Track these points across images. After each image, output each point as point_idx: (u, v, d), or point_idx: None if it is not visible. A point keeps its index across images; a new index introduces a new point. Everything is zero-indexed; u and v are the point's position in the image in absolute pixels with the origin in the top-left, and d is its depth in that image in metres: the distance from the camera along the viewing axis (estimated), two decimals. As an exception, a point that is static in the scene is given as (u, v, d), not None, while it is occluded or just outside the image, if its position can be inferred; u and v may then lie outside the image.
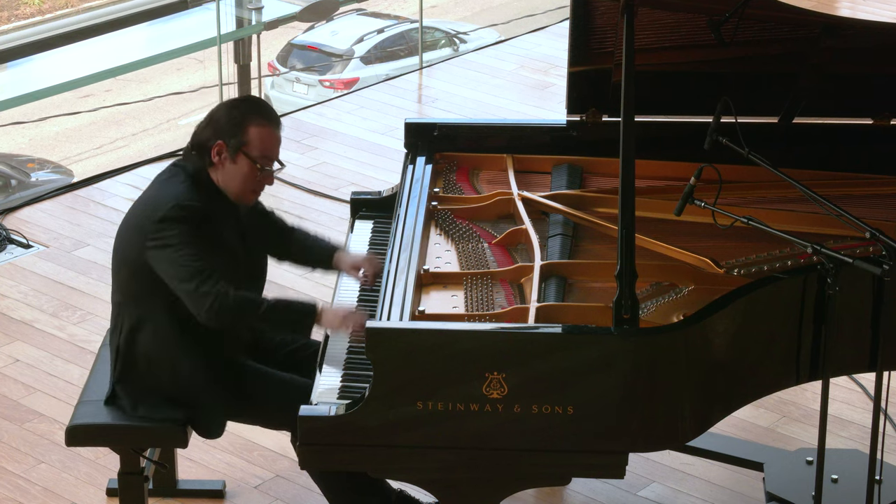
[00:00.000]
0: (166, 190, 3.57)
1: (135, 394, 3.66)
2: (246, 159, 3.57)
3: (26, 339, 5.01)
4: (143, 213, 3.57)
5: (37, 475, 4.32)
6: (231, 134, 3.56)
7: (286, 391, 3.64)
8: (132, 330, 3.62)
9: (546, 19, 8.72)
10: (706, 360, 3.41)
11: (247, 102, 3.65)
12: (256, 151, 3.57)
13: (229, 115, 3.58)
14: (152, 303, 3.59)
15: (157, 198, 3.57)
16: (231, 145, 3.56)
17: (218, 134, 3.57)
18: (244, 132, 3.57)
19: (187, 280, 3.47)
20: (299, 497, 4.22)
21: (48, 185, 11.47)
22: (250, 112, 3.59)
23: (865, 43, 3.91)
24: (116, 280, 3.68)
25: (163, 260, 3.51)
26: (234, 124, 3.56)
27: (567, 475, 3.45)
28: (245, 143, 3.57)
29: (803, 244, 3.39)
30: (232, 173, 3.58)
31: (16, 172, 12.17)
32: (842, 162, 4.09)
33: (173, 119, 14.28)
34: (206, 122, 3.62)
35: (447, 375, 3.28)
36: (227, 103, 3.64)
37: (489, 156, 4.19)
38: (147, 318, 3.61)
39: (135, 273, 3.59)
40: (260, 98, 3.67)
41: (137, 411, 3.66)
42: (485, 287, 3.61)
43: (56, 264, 5.48)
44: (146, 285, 3.57)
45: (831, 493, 3.93)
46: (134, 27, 9.78)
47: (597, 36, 3.95)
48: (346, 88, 13.02)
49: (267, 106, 3.65)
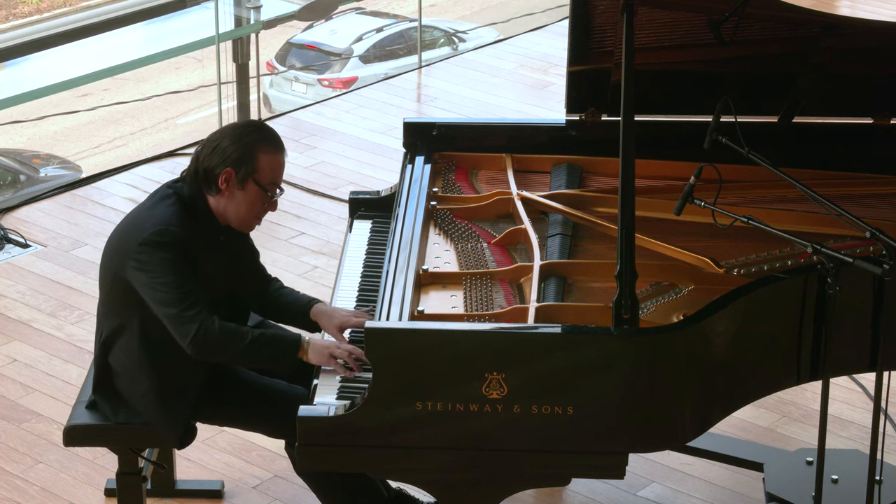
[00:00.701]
0: (153, 212, 3.57)
1: (112, 400, 3.68)
2: (255, 186, 3.58)
3: (24, 339, 5.00)
4: (128, 232, 3.58)
5: (35, 475, 4.32)
6: (241, 162, 3.56)
7: (267, 400, 3.65)
8: (106, 341, 3.65)
9: (545, 18, 8.71)
10: (706, 360, 3.41)
11: (255, 129, 3.62)
12: (266, 179, 3.58)
13: (238, 142, 3.57)
14: (126, 318, 3.60)
15: (144, 219, 3.57)
16: (241, 173, 3.56)
17: (226, 162, 3.56)
18: (254, 160, 3.56)
19: (169, 305, 3.48)
20: (298, 497, 4.21)
21: (56, 180, 11.48)
22: (259, 140, 3.58)
23: (865, 42, 3.91)
24: (100, 288, 3.71)
25: (143, 283, 3.52)
26: (243, 152, 3.56)
27: (567, 475, 3.45)
28: (255, 171, 3.56)
29: (803, 244, 3.39)
30: (239, 200, 3.58)
31: (24, 168, 12.18)
32: (842, 161, 4.09)
33: (172, 118, 14.27)
34: (211, 148, 3.59)
35: (446, 376, 3.28)
36: (233, 130, 3.61)
37: (488, 155, 4.18)
38: (120, 333, 3.63)
39: (113, 286, 3.61)
40: (265, 123, 3.68)
41: (118, 417, 3.68)
42: (484, 287, 3.60)
43: (54, 264, 5.47)
44: (123, 299, 3.59)
45: (831, 493, 3.92)
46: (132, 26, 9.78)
47: (596, 35, 3.95)
48: (344, 87, 13.01)
49: (273, 132, 3.64)
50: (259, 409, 3.67)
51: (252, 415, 3.68)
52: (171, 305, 3.48)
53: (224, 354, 3.54)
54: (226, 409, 3.71)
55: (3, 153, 12.43)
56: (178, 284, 3.48)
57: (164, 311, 3.49)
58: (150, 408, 3.62)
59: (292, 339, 3.54)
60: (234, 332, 3.52)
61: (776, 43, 3.93)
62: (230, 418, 3.75)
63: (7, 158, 12.22)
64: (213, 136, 3.61)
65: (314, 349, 3.51)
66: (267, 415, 3.66)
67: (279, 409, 3.59)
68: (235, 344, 3.50)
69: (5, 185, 11.82)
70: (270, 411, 3.64)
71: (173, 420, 3.63)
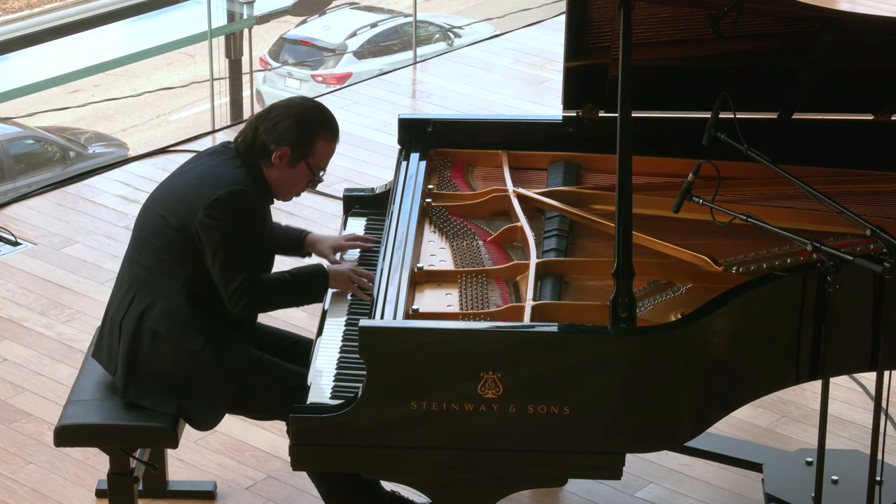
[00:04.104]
0: (226, 171, 3.62)
1: (135, 375, 3.64)
2: (306, 168, 3.68)
3: (14, 338, 4.97)
4: (199, 187, 3.60)
5: (25, 476, 4.29)
6: (299, 143, 3.65)
7: (291, 379, 3.65)
8: (148, 304, 3.63)
9: (542, 13, 8.70)
10: (704, 359, 3.39)
11: (319, 114, 3.70)
12: (318, 163, 3.69)
13: (300, 125, 3.64)
14: (175, 276, 3.61)
15: (217, 175, 3.61)
16: (296, 153, 3.65)
17: (285, 140, 3.64)
18: (312, 144, 3.66)
19: (234, 269, 3.55)
20: (291, 498, 4.19)
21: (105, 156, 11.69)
22: (321, 125, 3.68)
23: (866, 37, 3.90)
24: (140, 252, 3.68)
25: (213, 241, 3.56)
26: (304, 134, 3.65)
27: (563, 476, 3.43)
28: (310, 155, 3.67)
29: (803, 242, 3.37)
30: (288, 176, 3.68)
31: (73, 144, 12.35)
32: (842, 158, 4.08)
33: (164, 114, 14.25)
34: (273, 123, 3.65)
35: (441, 375, 3.26)
36: (297, 111, 3.67)
37: (484, 152, 4.17)
38: (165, 293, 3.62)
39: (170, 242, 3.61)
40: (328, 110, 3.75)
41: (128, 394, 3.64)
42: (480, 285, 3.58)
43: (45, 262, 5.44)
44: (175, 258, 3.61)
45: (831, 494, 3.91)
46: (123, 21, 9.78)
47: (593, 30, 3.94)
48: (338, 83, 12.99)
49: (335, 121, 3.73)
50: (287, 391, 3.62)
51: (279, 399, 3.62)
52: (236, 269, 3.55)
53: (274, 304, 3.69)
54: (252, 397, 3.67)
55: (51, 130, 12.57)
56: (246, 249, 3.57)
57: (227, 273, 3.55)
58: (207, 364, 3.61)
59: (320, 271, 3.71)
60: (277, 282, 3.65)
61: (776, 38, 3.93)
62: (254, 407, 3.71)
63: (56, 135, 12.37)
64: (274, 113, 3.67)
65: (334, 276, 3.71)
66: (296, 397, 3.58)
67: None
68: (281, 293, 3.66)
69: (55, 161, 11.99)
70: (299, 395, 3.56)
71: (231, 372, 3.63)
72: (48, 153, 12.12)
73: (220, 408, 3.67)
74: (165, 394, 3.63)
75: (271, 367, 3.70)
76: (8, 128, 12.12)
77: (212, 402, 3.65)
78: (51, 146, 12.15)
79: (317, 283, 3.71)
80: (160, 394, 3.63)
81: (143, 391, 3.64)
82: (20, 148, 12.08)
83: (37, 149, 12.13)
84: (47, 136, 12.26)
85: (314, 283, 3.71)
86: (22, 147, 12.11)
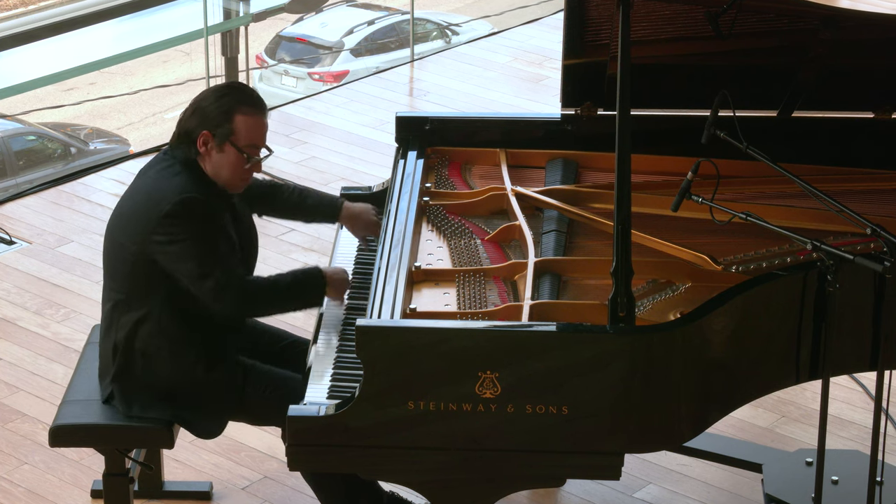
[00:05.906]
0: (167, 182, 3.52)
1: (131, 394, 3.62)
2: (233, 149, 3.54)
3: (9, 338, 4.95)
4: (145, 206, 3.52)
5: (20, 476, 4.27)
6: (217, 123, 3.52)
7: (285, 385, 3.61)
8: (132, 326, 3.57)
9: (540, 11, 8.68)
10: (704, 358, 3.38)
11: (233, 90, 3.59)
12: (244, 141, 3.54)
13: (216, 103, 3.53)
14: (152, 297, 3.55)
15: (159, 190, 3.51)
16: (218, 135, 3.53)
17: (204, 123, 3.53)
18: (231, 121, 3.53)
19: (203, 277, 3.45)
20: (287, 499, 4.17)
21: (107, 153, 11.67)
22: (237, 100, 3.54)
23: (866, 35, 3.89)
24: (112, 278, 3.63)
25: (172, 256, 3.47)
26: (220, 113, 3.52)
27: (562, 476, 3.42)
28: (232, 133, 3.53)
29: (803, 240, 3.36)
30: (219, 162, 3.55)
31: (75, 141, 12.33)
32: (842, 156, 4.08)
33: (159, 112, 14.22)
34: (192, 110, 3.57)
35: (439, 375, 3.25)
36: (212, 91, 3.58)
37: (482, 150, 4.16)
38: (147, 314, 3.56)
39: (134, 267, 3.54)
40: (246, 84, 3.64)
41: (132, 411, 3.61)
42: (477, 284, 3.56)
43: (39, 261, 5.42)
44: (146, 280, 3.53)
45: (831, 494, 3.91)
46: (119, 19, 9.76)
47: (592, 28, 3.93)
48: (335, 81, 12.97)
49: (253, 93, 3.60)
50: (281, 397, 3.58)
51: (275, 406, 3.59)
52: (207, 275, 3.45)
53: (265, 308, 3.60)
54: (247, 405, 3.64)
55: (53, 126, 12.57)
56: (210, 252, 3.46)
57: (200, 282, 3.46)
58: (202, 377, 3.56)
59: (317, 275, 3.62)
60: (266, 284, 3.56)
61: (775, 36, 3.92)
62: (249, 414, 3.68)
63: (57, 132, 12.35)
64: (195, 98, 3.58)
65: (332, 282, 3.64)
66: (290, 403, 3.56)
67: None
68: (273, 295, 3.56)
69: (56, 157, 11.97)
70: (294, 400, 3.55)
71: (230, 381, 3.59)
72: (49, 149, 12.10)
73: (221, 417, 3.64)
74: (165, 408, 3.61)
75: (264, 375, 3.65)
76: (9, 124, 12.11)
77: (212, 414, 3.62)
78: (52, 142, 12.14)
79: (312, 287, 3.62)
80: (160, 409, 3.60)
81: (144, 406, 3.61)
82: (21, 144, 12.07)
83: (38, 145, 12.12)
84: (49, 132, 12.25)
85: (309, 287, 3.61)
86: (23, 143, 12.10)
